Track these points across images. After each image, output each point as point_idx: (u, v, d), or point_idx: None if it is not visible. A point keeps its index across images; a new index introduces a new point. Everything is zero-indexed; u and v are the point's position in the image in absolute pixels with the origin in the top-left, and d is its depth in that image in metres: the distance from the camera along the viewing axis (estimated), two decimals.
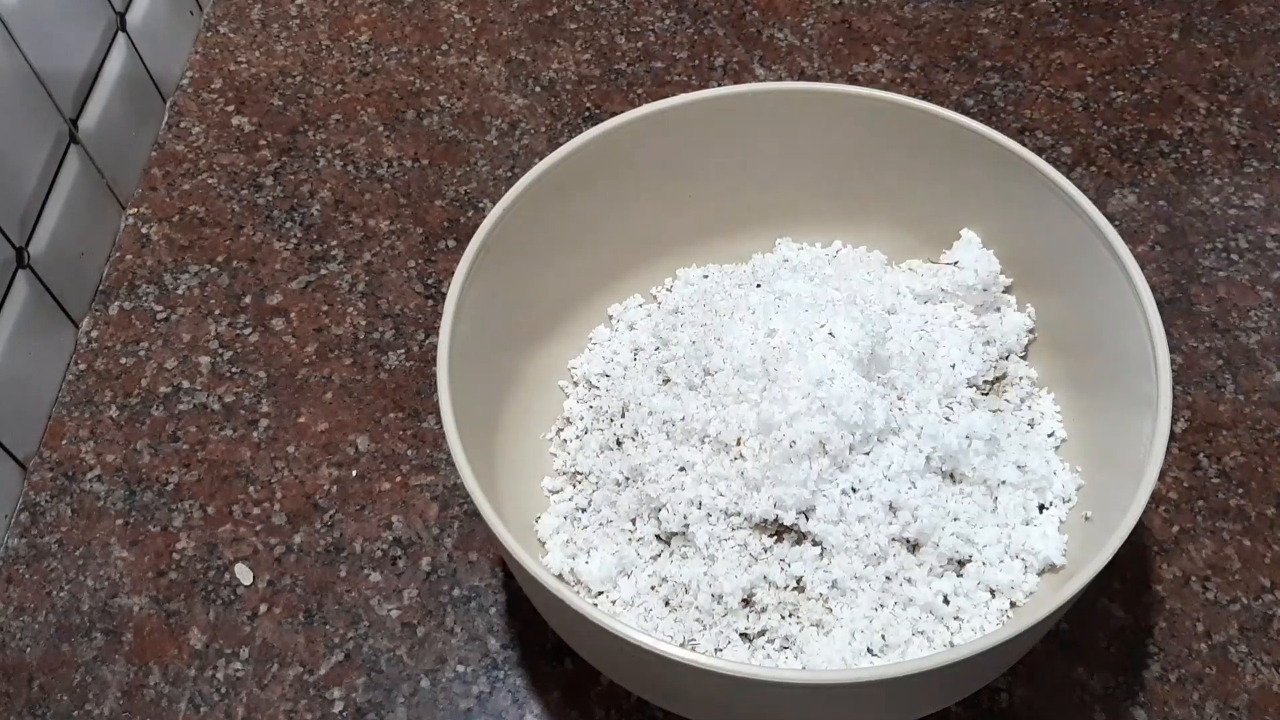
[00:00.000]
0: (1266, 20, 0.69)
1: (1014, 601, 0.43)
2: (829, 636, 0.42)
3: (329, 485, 0.51)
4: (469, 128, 0.65)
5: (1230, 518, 0.49)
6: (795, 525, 0.42)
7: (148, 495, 0.51)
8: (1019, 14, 0.70)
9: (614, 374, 0.50)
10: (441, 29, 0.70)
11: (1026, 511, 0.44)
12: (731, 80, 0.66)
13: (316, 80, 0.67)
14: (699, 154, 0.51)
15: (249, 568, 0.49)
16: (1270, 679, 0.45)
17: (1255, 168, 0.61)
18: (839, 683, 0.34)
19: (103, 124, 0.59)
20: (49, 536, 0.50)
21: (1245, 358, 0.54)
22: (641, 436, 0.46)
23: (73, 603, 0.48)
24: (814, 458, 0.42)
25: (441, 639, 0.47)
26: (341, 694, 0.46)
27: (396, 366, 0.55)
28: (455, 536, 0.50)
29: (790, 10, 0.70)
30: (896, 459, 0.42)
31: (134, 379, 0.55)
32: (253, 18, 0.71)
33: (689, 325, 0.48)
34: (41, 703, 0.46)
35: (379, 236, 0.60)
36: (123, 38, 0.62)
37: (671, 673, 0.36)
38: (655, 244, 0.53)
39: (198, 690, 0.46)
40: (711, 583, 0.42)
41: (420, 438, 0.53)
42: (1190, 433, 0.52)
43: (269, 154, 0.64)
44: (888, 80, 0.66)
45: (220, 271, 0.59)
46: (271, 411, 0.54)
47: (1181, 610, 0.47)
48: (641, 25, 0.70)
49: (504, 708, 0.45)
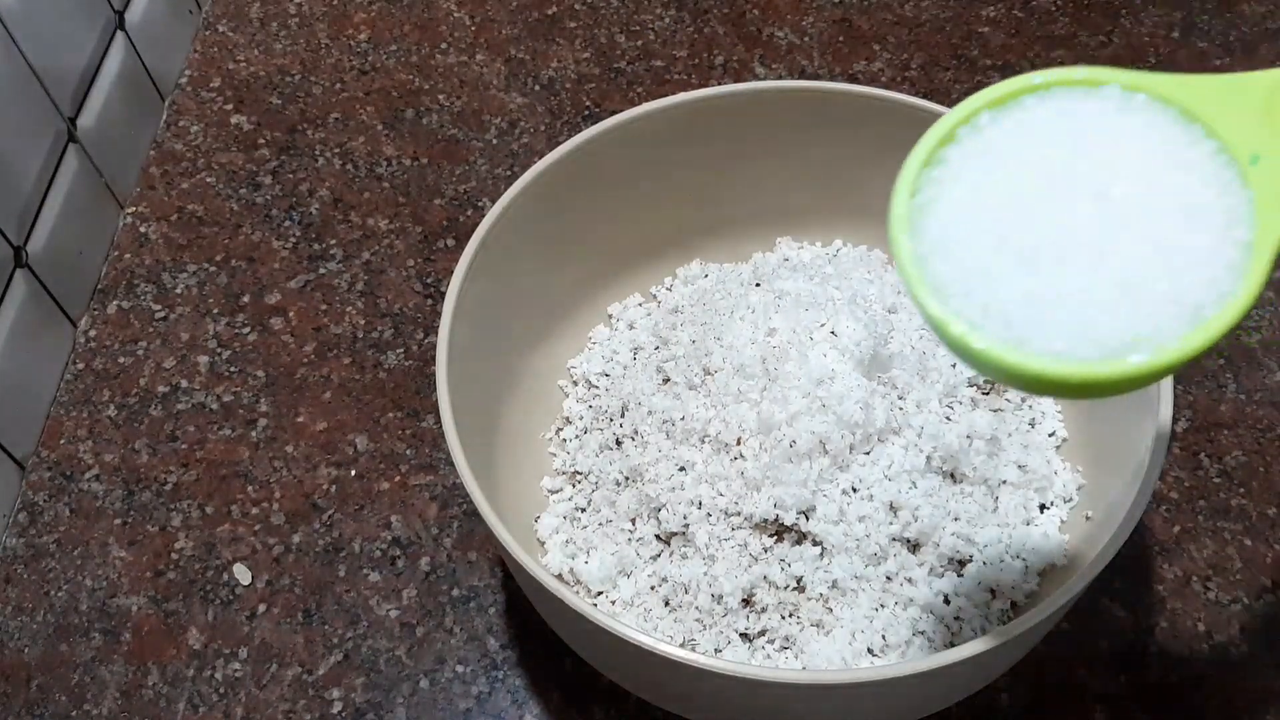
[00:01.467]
0: (1267, 19, 0.68)
1: (1014, 601, 0.43)
2: (829, 637, 0.41)
3: (328, 485, 0.51)
4: (468, 126, 0.65)
5: (1231, 517, 0.49)
6: (795, 525, 0.42)
7: (146, 495, 0.51)
8: (1019, 13, 0.69)
9: (614, 373, 0.50)
10: (441, 28, 0.70)
11: (1027, 511, 0.44)
12: (731, 79, 0.66)
13: (315, 79, 0.67)
14: (699, 153, 0.51)
15: (247, 567, 0.49)
16: (1271, 679, 0.45)
17: None
18: (839, 683, 0.34)
19: (101, 123, 0.59)
20: (47, 536, 0.50)
21: (1246, 357, 0.54)
22: (641, 436, 0.46)
23: (71, 603, 0.48)
24: (814, 457, 0.42)
25: (441, 639, 0.47)
26: (340, 694, 0.46)
27: (395, 366, 0.55)
28: (454, 536, 0.50)
29: (790, 9, 0.70)
30: (897, 459, 0.42)
31: (132, 378, 0.55)
32: (251, 16, 0.71)
33: (689, 324, 0.48)
34: (40, 703, 0.46)
35: (378, 235, 0.60)
36: (121, 36, 0.62)
37: (671, 673, 0.36)
38: (655, 243, 0.53)
39: (196, 690, 0.46)
40: (711, 583, 0.42)
41: (419, 437, 0.53)
42: (1191, 432, 0.52)
43: (268, 153, 0.64)
44: (888, 79, 0.66)
45: (219, 270, 0.59)
46: (270, 411, 0.54)
47: (1182, 610, 0.47)
48: (641, 24, 0.70)
49: (503, 708, 0.45)
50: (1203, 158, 0.28)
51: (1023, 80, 0.30)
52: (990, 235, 0.28)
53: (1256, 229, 0.27)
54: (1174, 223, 0.27)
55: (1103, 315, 0.27)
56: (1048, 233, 0.28)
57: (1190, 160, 0.28)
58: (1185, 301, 0.27)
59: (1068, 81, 0.30)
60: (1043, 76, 0.30)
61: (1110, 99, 0.29)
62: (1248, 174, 0.28)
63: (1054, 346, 0.27)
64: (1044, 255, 0.28)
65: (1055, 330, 0.27)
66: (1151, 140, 0.29)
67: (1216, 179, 0.28)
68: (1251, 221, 0.27)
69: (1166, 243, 0.27)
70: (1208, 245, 0.27)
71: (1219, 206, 0.28)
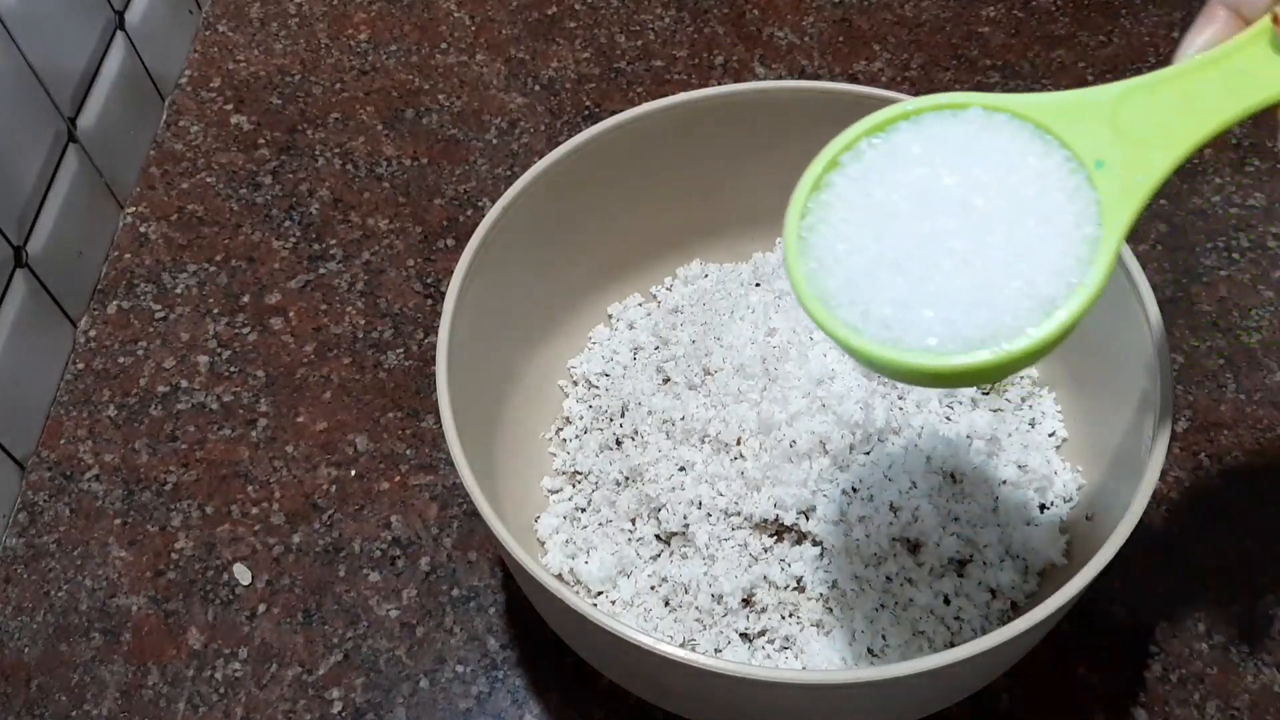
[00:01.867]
0: None
1: (1014, 602, 0.43)
2: (829, 637, 0.41)
3: (328, 485, 0.51)
4: (468, 126, 0.65)
5: (1231, 517, 0.49)
6: (795, 525, 0.42)
7: (146, 495, 0.51)
8: (1019, 12, 0.69)
9: (614, 373, 0.50)
10: (440, 28, 0.70)
11: (1027, 511, 0.44)
12: (731, 79, 0.66)
13: (315, 79, 0.67)
14: (698, 153, 0.51)
15: (247, 568, 0.49)
16: (1271, 679, 0.45)
17: (1256, 166, 0.61)
18: (839, 683, 0.34)
19: (101, 123, 0.59)
20: (47, 536, 0.50)
21: (1246, 357, 0.54)
22: (641, 436, 0.45)
23: (71, 603, 0.48)
24: (814, 457, 0.42)
25: (441, 639, 0.47)
26: (340, 694, 0.46)
27: (395, 366, 0.55)
28: (454, 536, 0.50)
29: (790, 9, 0.70)
30: (897, 459, 0.42)
31: (132, 378, 0.55)
32: (251, 16, 0.71)
33: (689, 324, 0.48)
34: (40, 703, 0.46)
35: (378, 235, 0.60)
36: (121, 36, 0.62)
37: (671, 673, 0.36)
38: (655, 243, 0.53)
39: (196, 690, 0.46)
40: (711, 583, 0.42)
41: (419, 437, 0.53)
42: (1191, 432, 0.52)
43: (268, 153, 0.64)
44: (888, 79, 0.66)
45: (219, 270, 0.59)
46: (270, 411, 0.54)
47: (1182, 610, 0.47)
48: (641, 24, 0.70)
49: (503, 708, 0.45)
50: (1055, 166, 0.32)
51: (897, 108, 0.33)
52: (868, 249, 0.31)
53: (1102, 227, 0.31)
54: (1029, 226, 0.31)
55: (966, 313, 0.30)
56: (918, 243, 0.31)
57: (1044, 169, 0.32)
58: (1039, 296, 0.30)
59: (936, 106, 0.33)
60: (915, 104, 0.33)
61: (974, 120, 0.33)
62: (1095, 179, 0.31)
63: (926, 344, 0.30)
64: (914, 263, 0.31)
65: (927, 329, 0.30)
66: (1010, 154, 0.32)
67: (1066, 185, 0.31)
68: (1098, 221, 0.31)
69: (1022, 245, 0.30)
70: (1059, 245, 0.30)
71: (1069, 209, 0.31)
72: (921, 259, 0.31)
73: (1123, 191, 0.31)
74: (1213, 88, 0.32)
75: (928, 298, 0.30)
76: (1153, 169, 0.31)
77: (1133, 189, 0.31)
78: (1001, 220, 0.31)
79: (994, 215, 0.31)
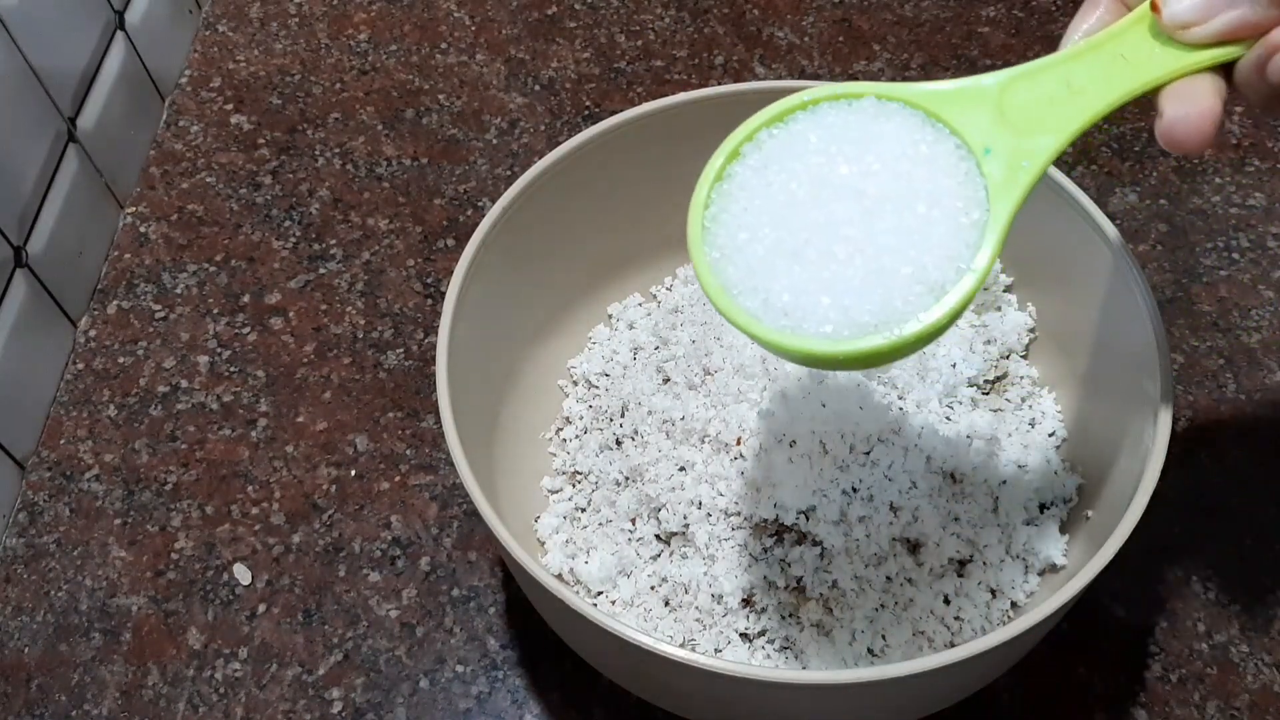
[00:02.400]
0: None
1: (1015, 602, 0.43)
2: (829, 637, 0.41)
3: (328, 485, 0.51)
4: (468, 126, 0.65)
5: (1231, 518, 0.49)
6: (795, 526, 0.42)
7: (146, 495, 0.51)
8: (1019, 12, 0.69)
9: (614, 373, 0.50)
10: (441, 28, 0.70)
11: (1027, 511, 0.44)
12: (731, 79, 0.66)
13: (315, 79, 0.67)
14: (699, 152, 0.50)
15: (247, 568, 0.49)
16: (1271, 679, 0.45)
17: (1256, 166, 0.61)
18: (839, 683, 0.34)
19: (101, 123, 0.59)
20: (47, 536, 0.50)
21: (1246, 357, 0.54)
22: (641, 436, 0.45)
23: (71, 603, 0.48)
24: (814, 458, 0.42)
25: (441, 639, 0.47)
26: (340, 694, 0.46)
27: (395, 366, 0.55)
28: (454, 536, 0.50)
29: (790, 9, 0.70)
30: (897, 459, 0.42)
31: (132, 378, 0.55)
32: (251, 16, 0.71)
33: (689, 324, 0.48)
34: (40, 703, 0.46)
35: (378, 235, 0.60)
36: (121, 36, 0.62)
37: (671, 673, 0.36)
38: (655, 243, 0.53)
39: (196, 690, 0.46)
40: (711, 583, 0.42)
41: (419, 437, 0.53)
42: (1191, 432, 0.52)
43: (268, 153, 0.64)
44: (888, 79, 0.66)
45: (219, 270, 0.59)
46: (270, 411, 0.54)
47: (1182, 610, 0.47)
48: (641, 24, 0.70)
49: (503, 708, 0.45)
50: (944, 154, 0.32)
51: (795, 99, 0.34)
52: (768, 237, 0.32)
53: (989, 212, 0.31)
54: (919, 212, 0.31)
55: (860, 299, 0.31)
56: (813, 231, 0.32)
57: (933, 156, 0.32)
58: (929, 281, 0.30)
59: (831, 97, 0.34)
60: (811, 94, 0.34)
61: (868, 109, 0.33)
62: (983, 165, 0.32)
63: (823, 330, 0.31)
64: (810, 251, 0.31)
65: (823, 315, 0.31)
66: (902, 142, 0.32)
67: (956, 171, 0.32)
68: (986, 206, 0.31)
69: (913, 231, 0.31)
70: (948, 231, 0.31)
71: (958, 195, 0.31)
72: (818, 246, 0.31)
73: (1009, 177, 0.31)
74: (1093, 73, 0.33)
75: (824, 284, 0.31)
76: (1037, 155, 0.32)
77: (1018, 175, 0.31)
78: (893, 207, 0.31)
79: (886, 202, 0.31)
